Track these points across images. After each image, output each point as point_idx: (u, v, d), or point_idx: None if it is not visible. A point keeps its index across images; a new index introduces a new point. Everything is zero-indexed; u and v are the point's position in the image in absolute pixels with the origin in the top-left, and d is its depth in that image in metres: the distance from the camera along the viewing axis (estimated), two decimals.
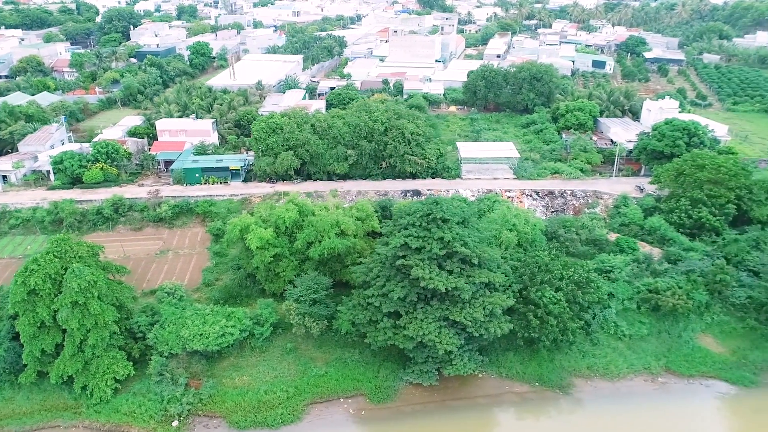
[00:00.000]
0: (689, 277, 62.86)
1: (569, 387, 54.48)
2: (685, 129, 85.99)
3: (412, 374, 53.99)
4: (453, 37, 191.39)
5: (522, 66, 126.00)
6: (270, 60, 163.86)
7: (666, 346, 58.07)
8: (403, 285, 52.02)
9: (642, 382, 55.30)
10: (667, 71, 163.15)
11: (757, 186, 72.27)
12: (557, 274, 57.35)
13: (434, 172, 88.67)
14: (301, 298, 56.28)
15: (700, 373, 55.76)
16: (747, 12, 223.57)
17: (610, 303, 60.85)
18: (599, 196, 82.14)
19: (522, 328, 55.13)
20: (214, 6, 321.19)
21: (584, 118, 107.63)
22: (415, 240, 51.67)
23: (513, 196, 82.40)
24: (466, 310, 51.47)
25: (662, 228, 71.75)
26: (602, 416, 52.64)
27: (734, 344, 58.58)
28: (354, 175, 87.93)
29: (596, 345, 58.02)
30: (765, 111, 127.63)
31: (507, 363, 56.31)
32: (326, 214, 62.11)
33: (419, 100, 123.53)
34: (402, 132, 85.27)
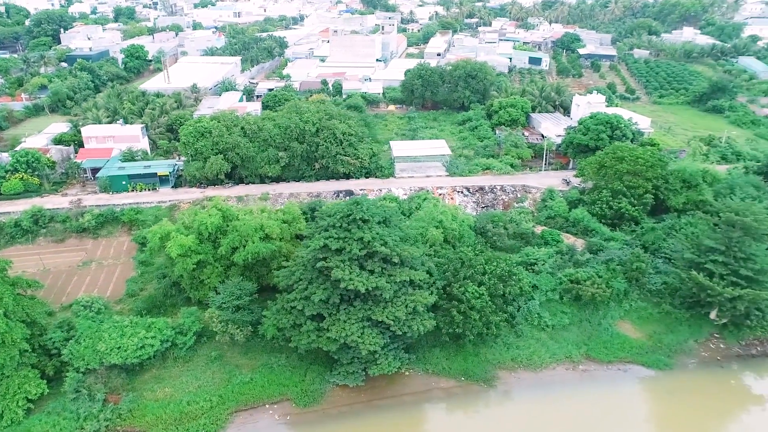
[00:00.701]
0: (609, 266, 64.97)
1: (494, 380, 55.44)
2: (608, 122, 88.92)
3: (339, 376, 53.87)
4: (394, 37, 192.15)
5: (457, 64, 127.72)
6: (207, 62, 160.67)
7: (587, 334, 59.84)
8: (325, 287, 51.80)
9: (564, 371, 56.79)
10: (599, 67, 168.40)
11: (673, 176, 75.28)
12: (480, 269, 58.25)
13: (368, 171, 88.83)
14: (223, 305, 55.28)
15: (618, 359, 57.69)
16: (674, 8, 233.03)
17: (534, 295, 62.28)
18: (528, 190, 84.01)
19: (446, 324, 55.77)
20: (153, 7, 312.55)
21: (516, 114, 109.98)
22: (335, 241, 51.47)
23: (444, 193, 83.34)
24: (389, 309, 51.65)
25: (585, 219, 73.98)
26: (525, 406, 53.80)
27: (651, 329, 60.87)
28: (287, 177, 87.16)
29: (520, 337, 59.25)
30: (688, 103, 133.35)
31: (433, 359, 56.86)
32: (250, 219, 61.22)
33: (357, 100, 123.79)
34: (333, 132, 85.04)
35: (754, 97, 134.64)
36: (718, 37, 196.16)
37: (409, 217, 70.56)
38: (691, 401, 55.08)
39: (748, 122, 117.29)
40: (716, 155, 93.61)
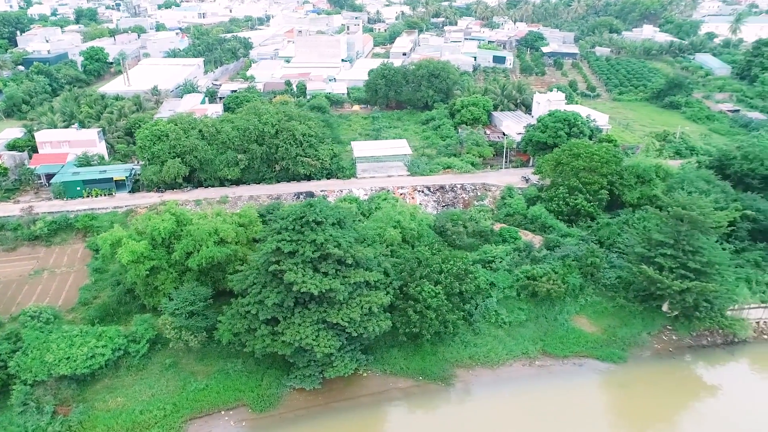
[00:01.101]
0: (564, 261, 65.85)
1: (451, 378, 55.69)
2: (565, 120, 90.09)
3: (295, 379, 53.48)
4: (359, 36, 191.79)
5: (420, 63, 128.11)
6: (169, 64, 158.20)
7: (543, 330, 60.53)
8: (279, 290, 51.39)
9: (521, 367, 57.36)
10: (562, 64, 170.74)
11: (627, 172, 76.72)
12: (436, 268, 58.50)
13: (329, 172, 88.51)
14: (176, 312, 54.37)
15: (574, 354, 58.48)
16: (635, 7, 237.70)
17: (492, 292, 62.78)
18: (488, 188, 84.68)
19: (403, 323, 55.87)
20: (116, 9, 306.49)
21: (478, 113, 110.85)
22: (287, 244, 51.05)
23: (405, 192, 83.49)
24: (344, 311, 51.52)
25: (543, 216, 74.89)
26: (483, 403, 54.09)
27: (606, 323, 61.88)
28: (247, 179, 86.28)
29: (478, 334, 59.65)
30: (646, 100, 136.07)
31: (391, 359, 56.88)
32: (204, 223, 60.36)
33: (321, 101, 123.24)
34: (293, 134, 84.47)
35: (709, 93, 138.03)
36: (676, 34, 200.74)
37: (367, 218, 70.42)
38: (644, 393, 56.10)
39: (703, 117, 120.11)
40: (671, 150, 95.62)
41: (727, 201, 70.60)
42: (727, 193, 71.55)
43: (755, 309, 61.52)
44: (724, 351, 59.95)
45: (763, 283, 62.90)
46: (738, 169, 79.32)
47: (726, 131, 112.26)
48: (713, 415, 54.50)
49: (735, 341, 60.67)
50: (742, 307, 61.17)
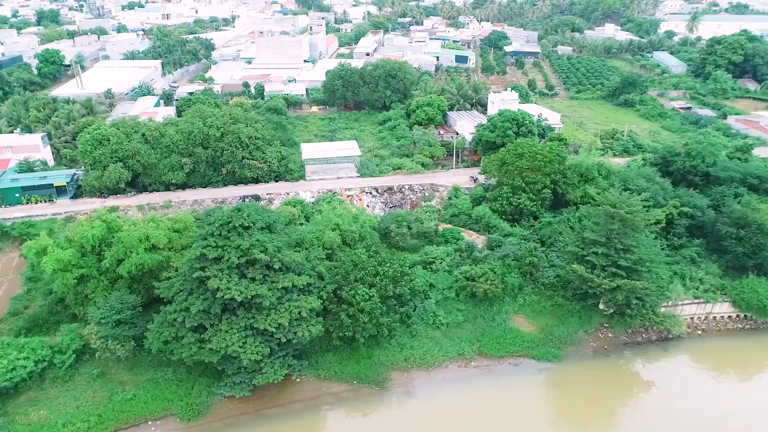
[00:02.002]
0: (504, 261, 65.99)
1: (386, 381, 55.35)
2: (514, 119, 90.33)
3: (225, 387, 52.68)
4: (322, 37, 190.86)
5: (377, 64, 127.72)
6: (125, 66, 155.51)
7: (480, 331, 60.50)
8: (205, 297, 50.51)
9: (457, 368, 57.26)
10: (523, 64, 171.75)
11: (571, 170, 77.14)
12: (371, 270, 58.11)
13: (277, 175, 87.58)
14: (102, 321, 53.13)
15: (510, 354, 58.57)
16: (598, 6, 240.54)
17: (430, 293, 62.57)
18: (435, 188, 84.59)
19: (336, 328, 55.41)
20: (79, 10, 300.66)
21: (433, 113, 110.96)
22: (212, 250, 50.22)
23: (353, 194, 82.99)
24: (272, 316, 50.89)
25: (487, 216, 74.99)
26: (416, 406, 53.88)
27: (543, 322, 62.10)
28: (193, 183, 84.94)
29: (415, 336, 59.39)
30: (603, 98, 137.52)
31: (326, 364, 56.35)
32: (134, 229, 59.12)
33: (277, 102, 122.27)
34: (238, 136, 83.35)
35: (664, 90, 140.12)
36: (636, 33, 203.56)
37: (308, 221, 69.78)
38: (577, 391, 56.48)
39: (656, 115, 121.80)
40: (619, 148, 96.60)
41: (665, 198, 71.52)
42: (666, 190, 72.38)
43: (689, 305, 62.26)
44: (658, 347, 60.62)
45: (697, 279, 63.64)
46: (681, 167, 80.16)
47: (677, 128, 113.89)
48: (646, 411, 54.90)
49: (669, 337, 61.37)
50: (676, 304, 61.86)
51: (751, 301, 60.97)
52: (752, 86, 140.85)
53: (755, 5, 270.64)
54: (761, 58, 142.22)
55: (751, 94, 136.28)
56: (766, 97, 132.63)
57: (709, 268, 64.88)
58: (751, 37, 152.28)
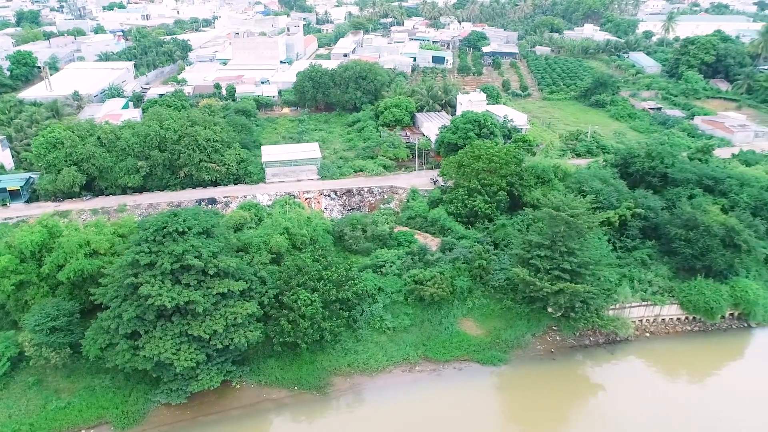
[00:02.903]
0: (455, 264, 65.56)
1: (327, 387, 54.79)
2: (476, 121, 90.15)
3: (162, 394, 51.98)
4: (299, 37, 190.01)
5: (348, 65, 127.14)
6: (97, 68, 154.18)
7: (427, 335, 60.01)
8: (139, 303, 49.83)
9: (400, 373, 56.76)
10: (500, 64, 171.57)
11: (527, 172, 76.82)
12: (315, 275, 57.54)
13: (237, 177, 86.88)
14: (37, 327, 52.28)
15: (455, 358, 58.11)
16: (579, 6, 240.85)
17: (378, 297, 62.06)
18: (395, 191, 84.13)
19: (277, 333, 54.79)
20: (60, 11, 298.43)
21: (400, 114, 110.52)
22: (145, 256, 49.55)
23: (311, 197, 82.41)
24: (206, 323, 50.29)
25: (442, 218, 74.55)
26: (356, 412, 53.41)
27: (492, 325, 61.66)
28: (150, 186, 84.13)
29: (360, 341, 58.84)
30: (575, 98, 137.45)
31: (267, 370, 55.73)
32: (75, 234, 58.31)
33: (246, 104, 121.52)
34: (195, 139, 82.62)
35: (636, 91, 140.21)
36: (614, 33, 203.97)
37: (259, 225, 69.12)
38: (521, 395, 56.16)
39: (625, 116, 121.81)
40: (582, 149, 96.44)
41: (619, 200, 71.35)
42: (620, 192, 72.17)
43: (637, 307, 62.05)
44: (605, 350, 60.32)
45: (646, 282, 63.42)
46: (640, 168, 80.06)
47: (645, 129, 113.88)
48: (591, 414, 54.79)
49: (617, 340, 61.11)
50: (624, 306, 61.62)
51: (698, 303, 60.82)
52: (724, 86, 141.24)
53: (735, 5, 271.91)
54: (733, 58, 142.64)
55: (722, 94, 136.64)
56: (737, 97, 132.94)
57: (658, 270, 64.70)
58: (724, 38, 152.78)
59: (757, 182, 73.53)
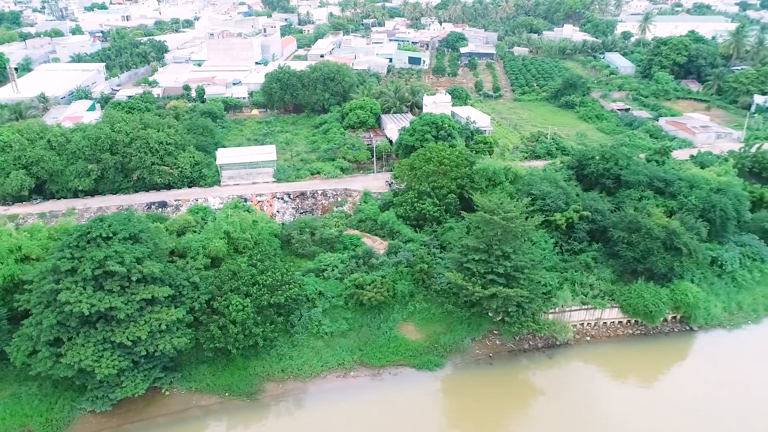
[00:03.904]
0: (397, 268, 65.07)
1: (258, 393, 54.23)
2: (433, 123, 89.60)
3: (86, 401, 51.32)
4: (276, 38, 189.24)
5: (315, 67, 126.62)
6: (68, 69, 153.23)
7: (364, 340, 59.47)
8: (61, 310, 49.14)
9: (335, 379, 56.23)
10: (476, 65, 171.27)
11: (478, 175, 76.34)
12: (248, 280, 56.95)
13: (191, 180, 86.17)
14: None
15: (391, 363, 57.60)
16: (560, 6, 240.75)
17: (318, 302, 61.51)
18: (349, 193, 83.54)
19: (208, 339, 54.18)
20: (42, 12, 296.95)
21: (365, 116, 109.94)
22: (67, 262, 48.90)
23: (264, 200, 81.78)
24: (130, 329, 49.67)
25: (391, 221, 74.07)
26: (283, 418, 52.88)
27: (432, 330, 61.19)
28: (103, 190, 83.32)
29: (296, 346, 58.28)
30: (546, 99, 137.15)
31: (199, 376, 55.13)
32: (6, 239, 57.62)
33: (213, 105, 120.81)
34: (147, 142, 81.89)
35: (608, 92, 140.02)
36: (593, 34, 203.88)
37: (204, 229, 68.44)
38: (453, 401, 55.84)
39: (593, 117, 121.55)
40: (542, 150, 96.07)
41: (567, 202, 70.95)
42: (568, 195, 71.68)
43: (577, 311, 61.66)
44: (544, 355, 59.90)
45: (588, 285, 63.02)
46: (594, 169, 79.78)
47: (611, 130, 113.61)
48: (523, 419, 54.32)
49: (557, 344, 60.66)
50: (564, 310, 61.24)
51: (637, 306, 60.50)
52: (695, 87, 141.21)
53: (718, 6, 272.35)
54: (704, 59, 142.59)
55: (693, 95, 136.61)
56: (707, 98, 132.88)
57: (600, 274, 64.34)
58: (697, 38, 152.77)
59: (707, 184, 73.19)
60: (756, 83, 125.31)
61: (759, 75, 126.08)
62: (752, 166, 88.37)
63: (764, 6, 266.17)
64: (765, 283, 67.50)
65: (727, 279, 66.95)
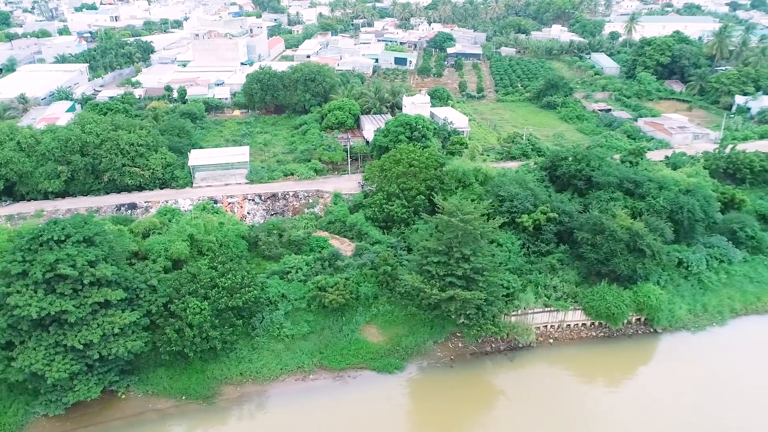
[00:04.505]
0: (362, 270, 64.80)
1: (215, 396, 53.96)
2: (407, 124, 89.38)
3: (40, 405, 50.99)
4: (262, 39, 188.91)
5: (296, 67, 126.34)
6: (51, 70, 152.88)
7: (325, 343, 59.17)
8: (12, 314, 48.81)
9: (293, 382, 55.95)
10: (461, 65, 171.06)
11: (448, 176, 76.07)
12: (207, 282, 56.66)
13: (163, 182, 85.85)
14: None
15: (350, 366, 57.31)
16: (550, 6, 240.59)
17: (280, 304, 61.21)
18: (321, 195, 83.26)
19: (164, 342, 53.88)
20: (32, 12, 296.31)
21: (343, 117, 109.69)
22: (18, 265, 48.63)
23: (234, 202, 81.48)
24: (82, 333, 49.36)
25: (359, 223, 73.81)
26: (238, 422, 52.53)
27: (394, 332, 60.90)
28: (73, 191, 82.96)
29: (256, 349, 57.98)
30: (528, 100, 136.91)
31: (156, 379, 54.83)
32: None
33: (193, 106, 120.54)
34: (117, 143, 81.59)
35: (591, 92, 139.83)
36: (581, 34, 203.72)
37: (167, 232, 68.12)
38: (412, 404, 55.61)
39: (574, 118, 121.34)
40: (518, 151, 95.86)
41: (535, 204, 70.71)
42: (536, 196, 71.44)
43: (540, 313, 61.41)
44: (505, 357, 59.65)
45: (551, 287, 62.79)
46: (566, 171, 79.55)
47: (590, 131, 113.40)
48: (481, 423, 54.02)
49: (519, 346, 60.43)
50: (526, 312, 61.01)
51: (599, 308, 60.28)
52: (678, 87, 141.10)
53: (709, 6, 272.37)
54: (687, 59, 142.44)
55: (676, 95, 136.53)
56: (689, 98, 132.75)
57: (565, 276, 64.10)
58: (681, 39, 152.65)
59: (676, 185, 73.00)
60: (737, 84, 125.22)
61: (740, 75, 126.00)
62: (726, 167, 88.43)
63: (754, 6, 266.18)
64: (731, 285, 67.25)
65: (693, 281, 66.76)
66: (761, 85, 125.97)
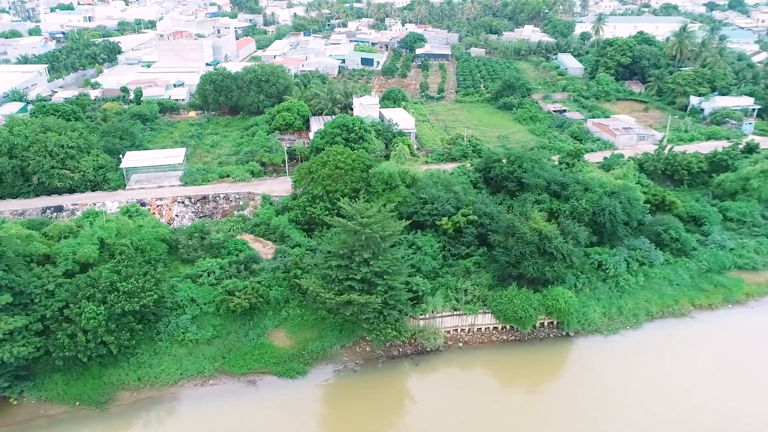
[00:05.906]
0: (275, 273, 64.21)
1: (109, 402, 53.29)
2: (344, 125, 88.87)
3: None
4: (230, 39, 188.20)
5: (249, 68, 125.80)
6: (8, 71, 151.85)
7: (228, 347, 58.52)
8: None
9: (192, 387, 55.26)
10: (427, 66, 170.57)
11: (375, 178, 75.48)
12: (106, 287, 55.95)
13: (95, 184, 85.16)
14: None
15: (252, 371, 56.64)
16: (525, 7, 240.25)
17: (187, 309, 60.55)
18: (252, 197, 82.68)
19: (57, 348, 53.17)
20: (8, 12, 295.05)
21: (291, 118, 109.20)
22: None
23: (164, 204, 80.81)
24: None
25: (282, 225, 73.22)
26: (133, 427, 51.90)
27: (303, 336, 60.28)
28: (2, 194, 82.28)
29: (158, 354, 57.31)
30: (486, 101, 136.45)
31: (51, 385, 54.09)
32: None
33: (145, 108, 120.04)
34: (45, 146, 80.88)
35: (550, 93, 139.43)
36: (552, 34, 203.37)
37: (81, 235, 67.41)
38: (312, 409, 54.83)
39: (528, 119, 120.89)
40: (458, 153, 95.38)
41: (457, 206, 70.25)
42: (459, 199, 71.01)
43: (449, 317, 60.85)
44: (411, 362, 59.06)
45: (462, 291, 62.25)
46: (499, 172, 79.09)
47: (542, 132, 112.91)
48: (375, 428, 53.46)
49: (427, 350, 59.85)
50: (435, 316, 60.44)
51: (507, 312, 59.72)
52: (638, 88, 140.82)
53: (686, 6, 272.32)
54: (647, 60, 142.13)
55: (634, 96, 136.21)
56: (647, 98, 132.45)
57: (478, 279, 63.58)
58: (643, 39, 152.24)
59: (601, 188, 72.49)
60: (693, 84, 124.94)
61: (696, 76, 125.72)
62: (664, 168, 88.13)
63: (731, 7, 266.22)
64: (649, 288, 66.77)
65: (611, 283, 66.27)
66: (717, 85, 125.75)
